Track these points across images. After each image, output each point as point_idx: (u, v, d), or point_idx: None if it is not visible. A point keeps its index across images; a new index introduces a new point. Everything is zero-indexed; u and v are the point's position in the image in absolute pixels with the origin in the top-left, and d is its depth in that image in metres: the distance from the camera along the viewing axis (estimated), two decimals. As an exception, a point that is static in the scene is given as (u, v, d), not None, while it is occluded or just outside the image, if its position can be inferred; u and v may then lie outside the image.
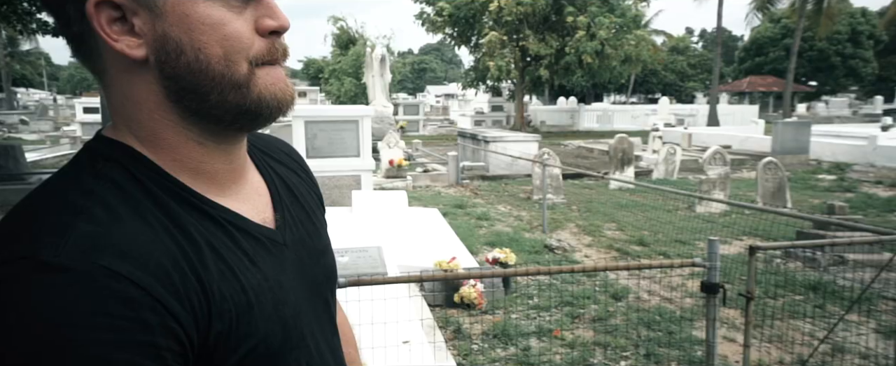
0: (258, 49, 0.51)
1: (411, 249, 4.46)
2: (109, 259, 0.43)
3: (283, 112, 0.55)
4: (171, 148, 0.52)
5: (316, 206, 0.70)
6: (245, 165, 0.60)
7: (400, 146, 8.98)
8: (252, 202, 0.59)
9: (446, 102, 39.37)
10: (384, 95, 13.04)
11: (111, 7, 0.47)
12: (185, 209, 0.51)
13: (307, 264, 0.62)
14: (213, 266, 0.50)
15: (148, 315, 0.43)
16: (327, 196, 6.27)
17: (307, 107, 8.00)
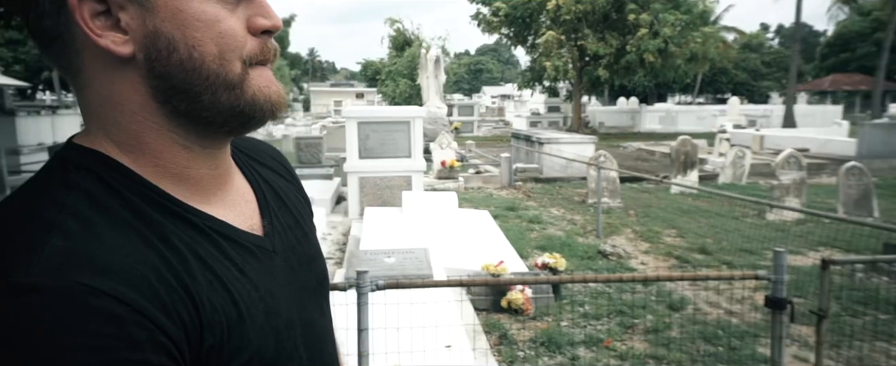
0: (251, 48, 0.49)
1: (459, 252, 4.42)
2: (87, 275, 0.40)
3: (276, 115, 0.52)
4: (153, 153, 0.49)
5: (304, 211, 0.67)
6: (230, 170, 0.57)
7: (452, 147, 8.98)
8: (238, 209, 0.56)
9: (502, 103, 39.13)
10: (438, 96, 13.10)
11: (95, 0, 0.45)
12: (167, 218, 0.48)
13: (298, 271, 0.59)
14: (200, 277, 0.47)
15: (135, 332, 0.40)
16: (378, 196, 6.35)
17: (360, 108, 8.15)
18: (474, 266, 3.89)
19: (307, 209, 0.69)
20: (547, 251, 4.72)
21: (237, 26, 0.48)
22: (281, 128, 18.97)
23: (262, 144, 0.69)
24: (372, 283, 1.97)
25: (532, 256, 4.84)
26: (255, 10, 0.49)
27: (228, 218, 0.54)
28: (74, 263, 0.40)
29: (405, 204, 5.69)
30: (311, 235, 0.65)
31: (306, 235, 0.64)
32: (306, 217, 0.67)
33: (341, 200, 7.28)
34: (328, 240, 5.59)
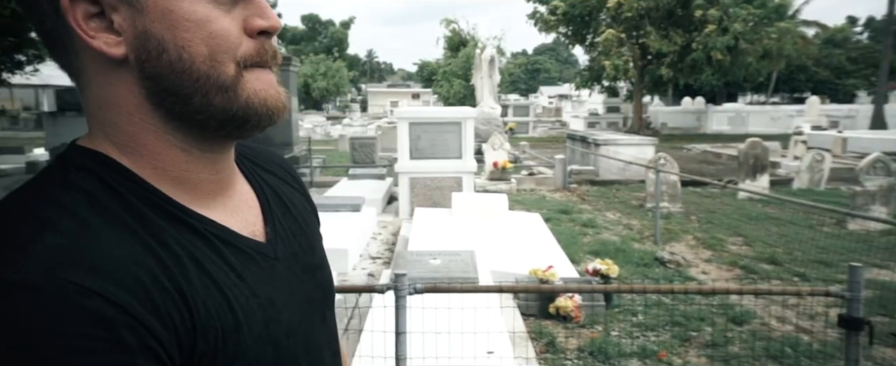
0: (246, 49, 0.48)
1: (507, 255, 4.34)
2: (79, 275, 0.39)
3: (274, 120, 0.50)
4: (151, 155, 0.48)
5: (310, 219, 0.66)
6: (233, 175, 0.56)
7: (505, 148, 8.87)
8: (240, 214, 0.55)
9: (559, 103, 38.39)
10: (492, 97, 13.00)
11: (88, 2, 0.44)
12: (166, 221, 0.47)
13: (302, 280, 0.58)
14: (197, 281, 0.46)
15: (125, 334, 0.39)
16: (428, 197, 6.36)
17: (411, 109, 8.21)
18: (522, 270, 3.80)
19: (314, 218, 0.68)
20: (600, 257, 4.55)
21: (230, 27, 0.47)
22: (338, 128, 19.50)
23: (269, 152, 0.69)
24: (410, 286, 1.95)
25: (584, 262, 4.67)
26: (253, 11, 0.48)
27: (229, 223, 0.53)
28: (67, 262, 0.40)
29: (455, 205, 5.66)
30: (316, 243, 0.64)
31: (311, 243, 0.63)
32: (312, 226, 0.66)
33: (393, 201, 7.36)
34: (378, 239, 5.66)
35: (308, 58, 36.46)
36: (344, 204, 5.72)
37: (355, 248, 4.91)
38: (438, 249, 4.02)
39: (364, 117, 24.20)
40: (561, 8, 19.24)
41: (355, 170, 8.34)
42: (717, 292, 2.36)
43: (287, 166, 0.69)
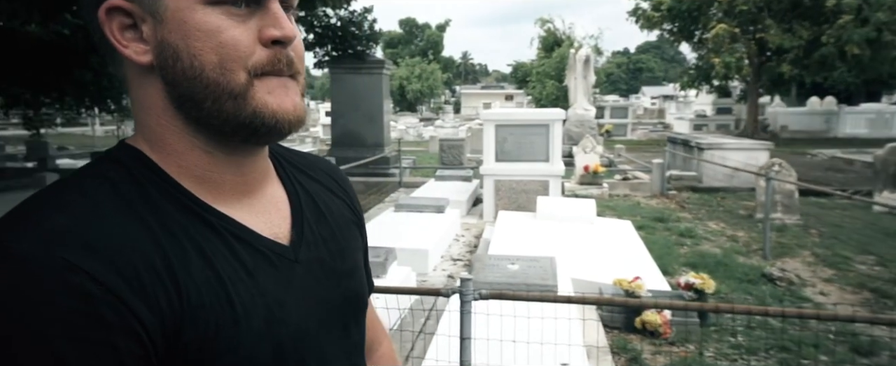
0: (258, 58, 0.49)
1: (591, 263, 4.14)
2: (72, 252, 0.42)
3: (284, 130, 0.51)
4: (176, 154, 0.52)
5: (349, 227, 0.67)
6: (263, 178, 0.58)
7: (597, 151, 8.50)
8: (266, 216, 0.57)
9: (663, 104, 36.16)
10: (586, 98, 12.53)
11: (123, 14, 0.49)
12: (181, 213, 0.50)
13: (324, 285, 0.59)
14: (198, 273, 0.48)
15: (106, 313, 0.42)
16: (513, 200, 6.26)
17: (497, 110, 8.13)
18: (606, 280, 3.60)
19: (354, 227, 0.68)
20: (697, 270, 4.18)
21: (241, 37, 0.49)
22: (430, 129, 19.91)
23: (319, 160, 0.71)
24: (476, 291, 1.91)
25: (679, 274, 4.33)
26: (267, 21, 0.50)
27: (251, 223, 0.54)
28: (66, 240, 0.42)
29: (539, 209, 5.52)
30: (349, 252, 0.64)
31: (342, 251, 0.63)
32: (349, 234, 0.66)
33: (478, 203, 7.34)
34: (460, 241, 5.67)
35: (404, 61, 37.68)
36: (428, 205, 5.80)
37: (437, 249, 4.95)
38: (519, 253, 3.93)
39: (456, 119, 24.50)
40: (666, 3, 18.07)
41: (442, 171, 8.44)
42: (841, 318, 2.02)
43: (336, 175, 0.71)
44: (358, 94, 9.43)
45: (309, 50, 9.48)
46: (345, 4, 8.39)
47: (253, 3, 0.49)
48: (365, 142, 9.49)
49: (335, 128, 9.70)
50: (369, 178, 8.85)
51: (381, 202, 7.64)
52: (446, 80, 47.23)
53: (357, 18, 9.29)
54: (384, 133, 9.74)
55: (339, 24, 9.13)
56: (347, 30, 9.14)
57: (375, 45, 9.72)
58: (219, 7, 0.48)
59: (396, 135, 18.91)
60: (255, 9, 0.49)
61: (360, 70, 9.42)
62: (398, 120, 25.08)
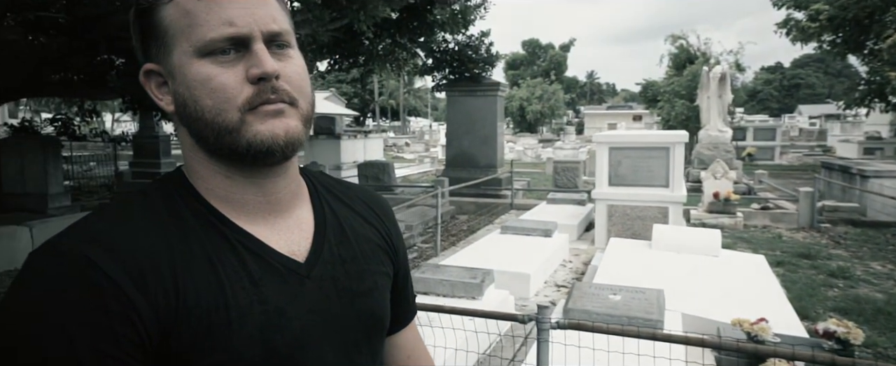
0: (246, 95, 0.56)
1: (709, 300, 3.72)
2: (95, 251, 0.51)
3: (277, 155, 0.58)
4: (203, 179, 0.61)
5: (375, 252, 0.71)
6: (291, 200, 0.65)
7: (729, 177, 7.66)
8: (286, 234, 0.63)
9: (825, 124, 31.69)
10: (721, 119, 11.41)
11: (156, 74, 0.61)
12: (201, 226, 0.58)
13: (335, 303, 0.63)
14: (200, 277, 0.55)
15: (111, 302, 0.50)
16: (628, 227, 5.88)
17: (612, 132, 7.72)
18: (725, 319, 3.20)
19: (383, 253, 0.72)
20: (848, 317, 3.55)
21: (230, 80, 0.56)
22: (548, 151, 19.53)
23: (358, 190, 0.77)
24: (552, 320, 1.81)
25: (821, 319, 3.72)
26: (252, 62, 0.57)
27: (269, 239, 0.61)
28: (94, 242, 0.52)
29: (656, 238, 5.11)
30: (369, 274, 0.68)
31: (362, 272, 0.67)
32: (373, 258, 0.70)
33: (591, 228, 7.01)
34: (567, 267, 5.45)
35: (525, 81, 37.61)
36: (535, 228, 5.68)
37: (540, 274, 4.82)
38: (626, 284, 3.67)
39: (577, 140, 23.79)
40: (826, 12, 15.87)
41: (555, 194, 8.22)
42: None
43: (374, 204, 0.76)
44: (472, 115, 9.61)
45: (427, 74, 9.91)
46: (462, 30, 8.65)
47: (242, 48, 0.57)
48: (478, 163, 9.61)
49: (450, 149, 9.96)
50: (480, 198, 8.91)
51: (491, 223, 7.64)
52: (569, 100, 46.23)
53: (474, 42, 9.52)
54: (498, 154, 9.77)
55: (455, 48, 9.44)
56: (464, 54, 9.40)
57: (491, 67, 9.86)
58: (209, 58, 0.56)
59: (514, 156, 18.85)
60: (243, 53, 0.57)
61: (476, 92, 9.61)
62: (517, 141, 25.02)
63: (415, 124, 43.75)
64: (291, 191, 0.64)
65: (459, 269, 3.90)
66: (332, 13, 6.05)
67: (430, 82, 10.09)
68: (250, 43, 0.56)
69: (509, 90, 38.50)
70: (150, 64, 0.60)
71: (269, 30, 0.57)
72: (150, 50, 0.59)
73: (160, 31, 0.58)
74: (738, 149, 14.58)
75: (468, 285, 3.62)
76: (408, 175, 13.56)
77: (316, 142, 10.38)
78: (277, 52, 0.58)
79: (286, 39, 0.59)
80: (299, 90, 0.59)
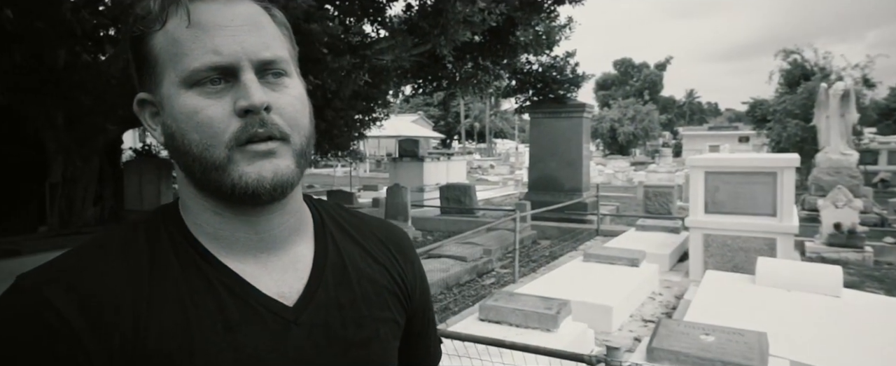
0: (233, 130, 0.52)
1: (823, 346, 3.22)
2: (54, 292, 0.49)
3: (263, 198, 0.54)
4: (194, 214, 0.58)
5: (378, 295, 0.64)
6: (286, 236, 0.59)
7: (853, 206, 6.73)
8: (279, 274, 0.58)
9: None
10: (844, 140, 10.15)
11: (150, 104, 0.58)
12: (182, 265, 0.55)
13: (324, 352, 0.57)
14: (169, 320, 0.52)
15: (60, 346, 0.48)
16: (728, 259, 5.35)
17: (708, 155, 7.13)
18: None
19: (388, 297, 0.65)
20: None
21: (217, 113, 0.52)
22: (641, 174, 18.53)
23: (375, 224, 0.71)
24: (627, 363, 1.62)
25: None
26: (240, 93, 0.53)
27: (258, 279, 0.56)
28: (56, 280, 0.50)
29: (760, 272, 4.57)
30: (369, 320, 0.62)
31: (361, 318, 0.61)
32: (376, 302, 0.64)
33: (686, 259, 6.46)
34: (656, 300, 5.03)
35: (616, 102, 36.29)
36: (621, 257, 5.33)
37: (624, 306, 4.48)
38: (722, 323, 3.28)
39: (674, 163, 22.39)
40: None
41: (645, 221, 7.71)
42: None
43: (391, 242, 0.70)
44: (557, 137, 9.36)
45: (510, 95, 9.84)
46: (546, 51, 8.52)
47: (231, 78, 0.53)
48: (562, 186, 9.30)
49: (533, 172, 9.76)
50: (564, 224, 8.59)
51: (574, 250, 7.32)
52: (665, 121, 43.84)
53: (559, 63, 9.34)
54: (583, 177, 9.41)
55: (539, 69, 9.30)
56: (549, 75, 9.24)
57: (577, 88, 9.59)
58: (197, 88, 0.53)
59: (603, 179, 18.10)
60: (232, 83, 0.53)
61: (560, 114, 9.37)
62: (607, 164, 24.07)
63: (501, 146, 43.67)
64: (288, 227, 0.59)
65: (534, 298, 3.72)
66: (415, 39, 6.21)
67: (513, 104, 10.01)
68: (239, 73, 0.52)
69: (599, 111, 37.36)
70: (143, 93, 0.57)
71: (260, 58, 0.53)
72: (143, 79, 0.57)
73: (151, 59, 0.55)
74: (867, 174, 12.94)
75: (542, 315, 3.43)
76: (491, 198, 13.45)
77: (400, 164, 10.63)
78: (272, 81, 0.54)
79: (282, 67, 0.55)
80: (293, 123, 0.54)
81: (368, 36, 6.26)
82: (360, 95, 6.09)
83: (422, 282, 0.72)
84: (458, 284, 5.55)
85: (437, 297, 5.12)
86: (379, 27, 6.41)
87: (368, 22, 6.35)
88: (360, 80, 5.45)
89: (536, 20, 7.69)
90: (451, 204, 8.68)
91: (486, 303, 3.61)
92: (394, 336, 0.65)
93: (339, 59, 5.20)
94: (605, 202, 10.36)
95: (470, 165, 23.46)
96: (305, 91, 0.58)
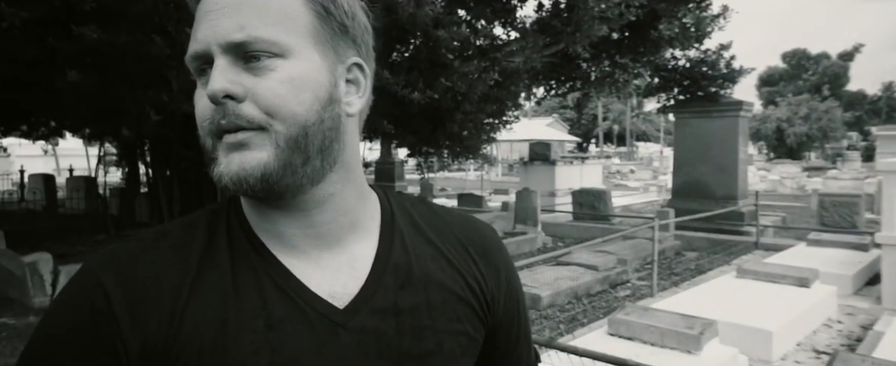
0: (210, 121, 0.50)
1: None
2: (107, 273, 0.51)
3: (244, 192, 0.50)
4: (247, 207, 0.55)
5: (447, 304, 0.57)
6: (340, 233, 0.55)
7: None
8: (335, 273, 0.54)
9: None
10: None
11: None
12: (232, 258, 0.52)
13: (373, 362, 0.52)
14: (208, 313, 0.50)
15: (102, 328, 0.49)
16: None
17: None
18: None
19: (459, 306, 0.57)
20: None
21: (202, 104, 0.50)
22: (816, 181, 15.95)
23: (456, 222, 0.63)
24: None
25: None
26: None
27: (310, 277, 0.53)
28: (113, 262, 0.52)
29: None
30: (432, 331, 0.55)
31: (422, 328, 0.54)
32: (444, 311, 0.56)
33: (875, 281, 5.35)
34: (833, 328, 4.23)
35: (785, 99, 31.77)
36: (786, 275, 4.58)
37: (789, 333, 3.83)
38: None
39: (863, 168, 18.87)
40: None
41: (820, 235, 6.57)
42: None
43: (469, 241, 0.61)
44: (707, 139, 8.42)
45: (651, 95, 9.10)
46: (695, 45, 7.73)
47: (210, 65, 0.49)
48: (713, 193, 8.34)
49: (677, 177, 8.89)
50: (715, 234, 7.69)
51: (726, 264, 6.50)
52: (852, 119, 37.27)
53: (710, 57, 8.40)
54: (739, 183, 8.34)
55: (687, 65, 8.46)
56: (697, 70, 8.36)
57: (732, 84, 8.54)
58: (201, 78, 0.50)
59: (766, 186, 15.96)
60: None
61: (711, 113, 8.41)
62: (772, 169, 21.16)
63: (643, 150, 40.85)
64: (341, 224, 0.54)
65: (673, 315, 3.33)
66: (546, 38, 6.03)
67: (656, 104, 9.26)
68: (213, 59, 0.49)
69: (761, 109, 33.14)
70: None
71: (229, 41, 0.47)
72: None
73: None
74: None
75: (682, 335, 3.05)
76: (629, 204, 12.60)
77: (530, 167, 10.43)
78: (250, 65, 0.48)
79: (261, 49, 0.48)
80: (273, 110, 0.48)
81: (498, 38, 6.24)
82: (490, 98, 6.06)
83: (511, 291, 0.63)
84: (588, 294, 5.24)
85: (565, 306, 4.88)
86: (509, 29, 6.36)
87: (499, 24, 6.33)
88: (489, 83, 5.43)
89: (683, 11, 7.01)
90: (584, 210, 8.27)
91: (616, 316, 3.33)
92: (464, 352, 0.57)
93: (467, 63, 5.24)
94: (768, 212, 9.07)
95: (607, 169, 22.22)
96: (315, 70, 0.51)
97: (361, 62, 0.54)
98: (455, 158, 7.40)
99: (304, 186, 0.51)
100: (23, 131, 8.13)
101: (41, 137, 8.64)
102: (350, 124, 0.55)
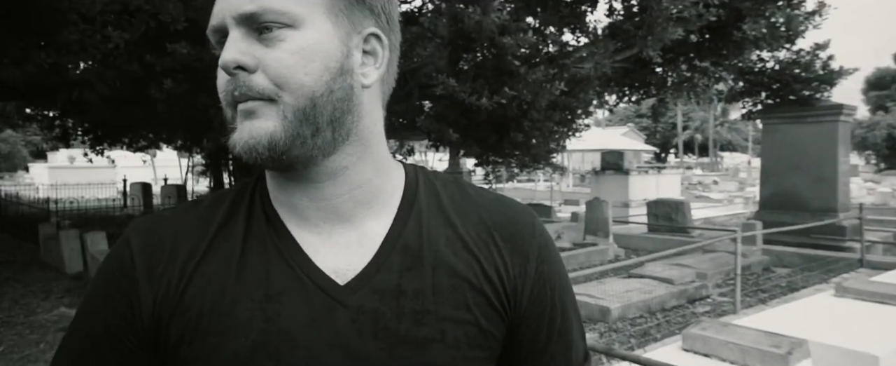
0: (225, 91, 0.51)
1: None
2: (136, 235, 0.56)
3: (253, 160, 0.50)
4: (268, 178, 0.57)
5: (457, 290, 0.53)
6: (353, 208, 0.54)
7: None
8: (343, 249, 0.53)
9: None
10: None
11: None
12: (247, 228, 0.54)
13: (367, 343, 0.51)
14: (214, 279, 0.52)
15: (123, 282, 0.54)
16: None
17: None
18: None
19: (471, 295, 0.54)
20: None
21: (221, 76, 0.51)
22: None
23: (486, 202, 0.59)
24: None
25: None
26: None
27: (317, 250, 0.53)
28: (145, 225, 0.56)
29: None
30: (436, 318, 0.52)
31: (424, 312, 0.52)
32: (452, 298, 0.53)
33: None
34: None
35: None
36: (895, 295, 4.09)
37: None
38: None
39: None
40: None
41: None
42: None
43: (495, 225, 0.57)
44: (800, 146, 7.73)
45: (735, 100, 8.51)
46: (786, 45, 7.16)
47: (226, 38, 0.50)
48: (807, 205, 7.63)
49: (765, 187, 8.21)
50: (810, 250, 7.02)
51: (823, 282, 5.91)
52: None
53: (803, 58, 7.74)
54: (838, 195, 7.58)
55: (776, 67, 7.85)
56: (788, 73, 7.72)
57: (830, 87, 7.82)
58: (220, 47, 0.51)
59: (873, 199, 14.42)
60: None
61: (805, 119, 7.72)
62: (881, 180, 19.08)
63: (729, 161, 38.21)
64: (354, 198, 0.53)
65: (757, 332, 3.06)
66: (618, 43, 5.84)
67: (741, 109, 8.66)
68: (228, 32, 0.50)
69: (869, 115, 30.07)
70: None
71: (240, 12, 0.48)
72: None
73: None
74: None
75: (767, 354, 2.80)
76: (711, 217, 11.79)
77: (602, 177, 10.06)
78: (262, 36, 0.49)
79: (271, 19, 0.48)
80: (282, 81, 0.48)
81: (567, 45, 6.12)
82: (558, 106, 5.94)
83: (541, 282, 0.57)
84: (662, 308, 4.95)
85: (636, 320, 4.64)
86: (579, 34, 6.23)
87: (568, 30, 6.21)
88: (555, 91, 5.33)
89: (772, 10, 6.53)
90: (659, 221, 7.85)
91: (691, 331, 3.11)
92: (472, 344, 0.53)
93: (534, 71, 5.19)
94: (876, 227, 8.15)
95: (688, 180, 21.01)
96: (326, 40, 0.50)
97: (379, 32, 0.53)
98: (523, 167, 7.31)
99: (316, 157, 0.51)
100: (125, 143, 9.08)
101: (141, 149, 9.59)
102: (366, 95, 0.53)
